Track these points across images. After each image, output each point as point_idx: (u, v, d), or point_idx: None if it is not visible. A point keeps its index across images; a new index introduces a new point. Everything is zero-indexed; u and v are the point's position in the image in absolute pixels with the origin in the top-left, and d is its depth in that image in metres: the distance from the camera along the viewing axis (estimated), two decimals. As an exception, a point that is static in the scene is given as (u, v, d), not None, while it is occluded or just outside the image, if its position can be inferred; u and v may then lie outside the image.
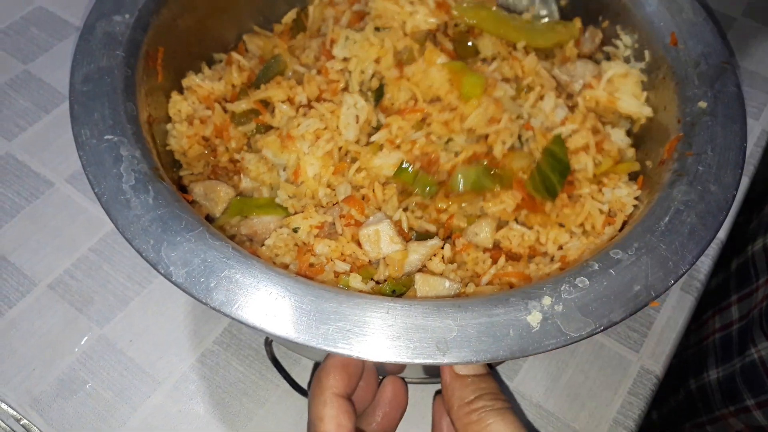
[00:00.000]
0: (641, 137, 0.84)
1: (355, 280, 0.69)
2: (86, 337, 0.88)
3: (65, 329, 0.89)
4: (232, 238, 0.76)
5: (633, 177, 0.80)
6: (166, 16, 0.80)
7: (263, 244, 0.74)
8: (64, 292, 0.92)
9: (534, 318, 0.58)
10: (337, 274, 0.70)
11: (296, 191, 0.76)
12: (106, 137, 0.67)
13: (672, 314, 0.95)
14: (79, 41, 0.74)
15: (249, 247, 0.74)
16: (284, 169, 0.78)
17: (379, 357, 0.55)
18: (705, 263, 1.02)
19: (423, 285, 0.69)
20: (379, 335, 0.56)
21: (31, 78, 1.12)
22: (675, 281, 0.61)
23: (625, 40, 0.86)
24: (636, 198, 0.76)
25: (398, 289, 0.70)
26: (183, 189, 0.80)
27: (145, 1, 0.78)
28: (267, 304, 0.58)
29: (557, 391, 0.89)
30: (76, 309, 0.90)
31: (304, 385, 0.88)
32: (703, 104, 0.73)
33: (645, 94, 0.82)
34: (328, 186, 0.77)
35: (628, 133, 0.86)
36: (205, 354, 0.89)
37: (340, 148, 0.78)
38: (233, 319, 0.57)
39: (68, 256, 0.95)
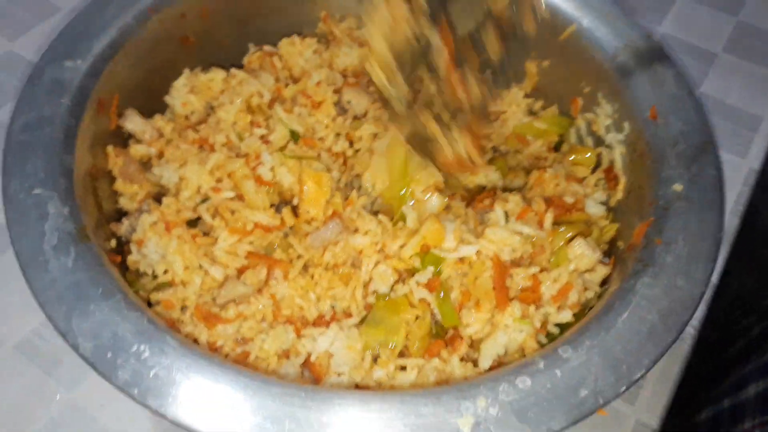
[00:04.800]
0: (617, 212, 0.79)
1: None
2: (55, 402, 0.81)
3: (32, 394, 0.82)
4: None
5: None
6: (123, 62, 0.78)
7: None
8: (31, 353, 0.85)
9: (465, 422, 0.53)
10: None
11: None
12: (35, 191, 0.64)
13: (666, 364, 0.89)
14: (24, 86, 0.71)
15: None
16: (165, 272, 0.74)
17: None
18: (699, 309, 0.96)
19: None
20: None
21: None
22: (627, 388, 0.56)
23: (606, 109, 0.82)
24: (603, 283, 0.71)
25: None
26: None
27: (101, 47, 0.76)
28: (174, 387, 0.53)
29: (549, 450, 0.83)
30: (44, 372, 0.83)
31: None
32: (678, 187, 0.68)
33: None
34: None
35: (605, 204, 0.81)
36: (181, 420, 0.84)
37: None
38: (136, 401, 0.53)
39: (36, 314, 0.86)
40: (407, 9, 0.67)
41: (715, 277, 1.00)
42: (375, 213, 0.78)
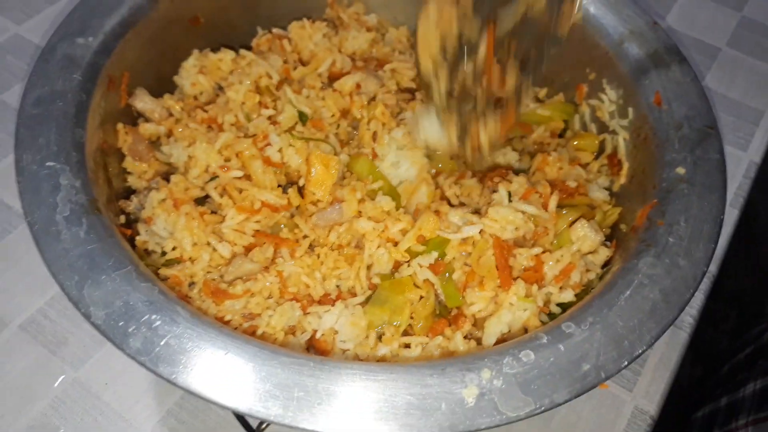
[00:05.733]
0: (620, 197, 0.80)
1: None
2: (59, 381, 0.81)
3: (37, 372, 0.81)
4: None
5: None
6: (134, 41, 0.78)
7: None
8: (36, 332, 0.84)
9: (470, 392, 0.54)
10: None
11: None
12: (47, 164, 0.64)
13: (665, 351, 0.90)
14: (37, 61, 0.72)
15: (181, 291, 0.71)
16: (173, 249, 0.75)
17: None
18: (697, 298, 0.96)
19: None
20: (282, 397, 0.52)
21: (5, 107, 1.04)
22: (629, 363, 0.57)
23: (610, 95, 0.83)
24: (604, 266, 0.72)
25: None
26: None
27: (112, 25, 0.76)
28: (185, 356, 0.54)
29: (550, 432, 0.84)
30: (49, 351, 0.84)
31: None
32: (681, 170, 0.69)
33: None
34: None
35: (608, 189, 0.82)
36: (185, 397, 0.82)
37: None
38: (147, 369, 0.54)
39: (42, 294, 0.87)
40: (455, 5, 0.70)
41: (713, 267, 1.01)
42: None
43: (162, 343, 0.55)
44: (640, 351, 0.57)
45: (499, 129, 0.73)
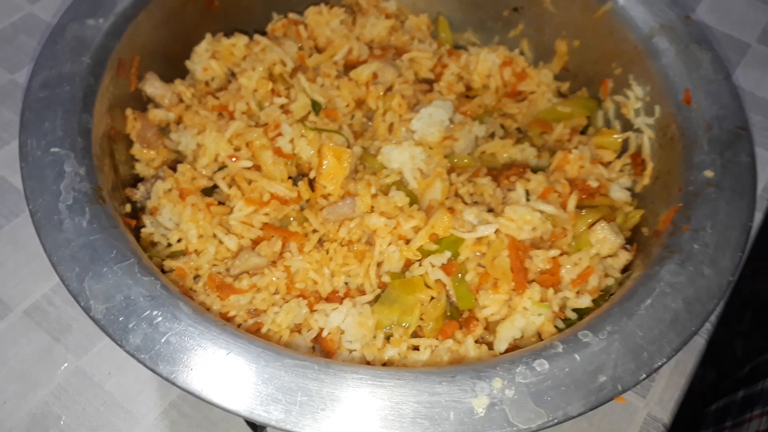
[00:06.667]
0: (643, 199, 0.77)
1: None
2: (62, 369, 0.81)
3: (40, 359, 0.81)
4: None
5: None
6: (146, 23, 0.76)
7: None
8: (41, 318, 0.83)
9: (480, 402, 0.52)
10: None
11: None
12: (52, 149, 0.63)
13: (681, 357, 0.86)
14: (45, 43, 0.70)
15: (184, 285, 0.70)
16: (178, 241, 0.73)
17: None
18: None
19: None
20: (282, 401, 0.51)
21: (17, 88, 1.02)
22: (647, 376, 0.54)
23: (637, 91, 0.79)
24: (624, 270, 0.69)
25: None
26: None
27: (124, 6, 0.74)
28: (186, 354, 0.52)
29: (559, 440, 0.81)
30: (53, 338, 0.83)
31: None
32: (709, 173, 0.66)
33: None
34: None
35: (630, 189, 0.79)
36: (188, 389, 0.83)
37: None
38: (146, 367, 0.52)
39: (47, 280, 0.85)
40: None
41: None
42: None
43: (162, 340, 0.53)
44: (659, 363, 0.55)
45: None
